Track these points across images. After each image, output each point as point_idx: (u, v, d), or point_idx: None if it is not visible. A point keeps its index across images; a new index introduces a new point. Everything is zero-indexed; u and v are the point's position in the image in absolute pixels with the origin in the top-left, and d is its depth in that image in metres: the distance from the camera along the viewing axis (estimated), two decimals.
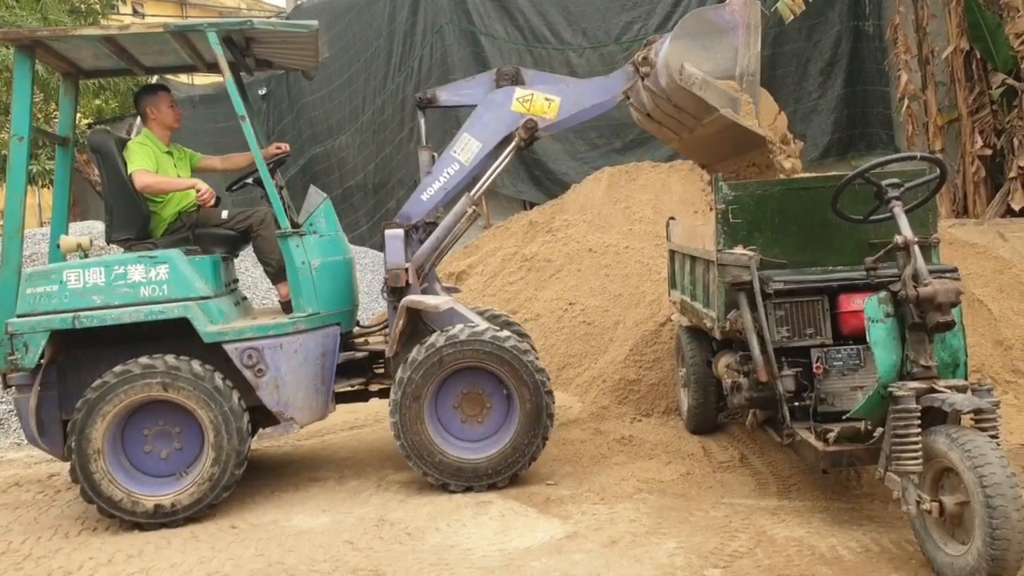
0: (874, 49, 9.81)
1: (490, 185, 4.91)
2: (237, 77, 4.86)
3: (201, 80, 15.65)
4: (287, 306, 4.73)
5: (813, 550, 3.47)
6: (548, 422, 4.46)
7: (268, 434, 4.65)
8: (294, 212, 5.00)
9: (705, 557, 3.48)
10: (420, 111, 5.09)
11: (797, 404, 3.81)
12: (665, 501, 4.18)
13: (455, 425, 4.56)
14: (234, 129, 4.95)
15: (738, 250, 3.98)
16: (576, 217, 8.50)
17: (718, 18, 4.35)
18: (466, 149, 4.80)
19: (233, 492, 4.36)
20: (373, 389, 4.94)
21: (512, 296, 7.63)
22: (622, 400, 5.80)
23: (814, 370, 3.80)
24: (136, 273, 4.32)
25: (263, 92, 14.02)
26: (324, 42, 10.41)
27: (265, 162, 4.66)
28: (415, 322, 4.67)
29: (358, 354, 4.89)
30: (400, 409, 4.38)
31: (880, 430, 3.35)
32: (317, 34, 4.66)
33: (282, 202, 4.71)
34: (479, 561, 3.59)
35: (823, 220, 3.98)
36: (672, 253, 5.52)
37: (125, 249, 4.68)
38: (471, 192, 4.85)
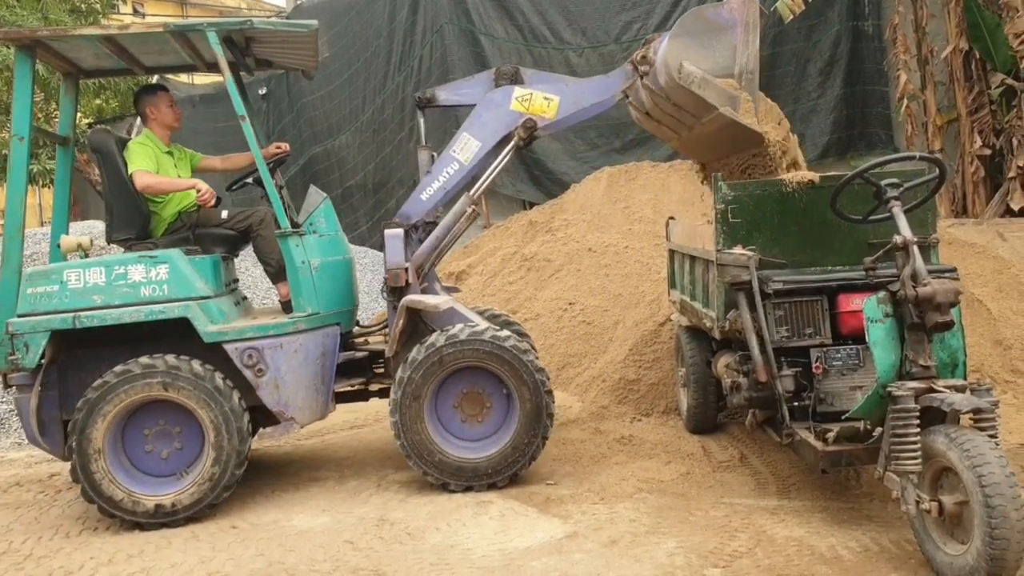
0: (873, 49, 9.80)
1: (489, 185, 4.92)
2: (237, 77, 4.86)
3: (201, 80, 15.64)
4: (287, 306, 4.74)
5: (813, 550, 3.48)
6: (548, 422, 4.47)
7: (268, 434, 4.65)
8: (294, 212, 5.00)
9: (705, 557, 3.48)
10: (419, 111, 5.09)
11: (796, 404, 3.81)
12: (665, 501, 4.18)
13: (455, 425, 4.56)
14: (234, 129, 4.95)
15: (737, 250, 3.99)
16: (576, 217, 8.50)
17: (717, 16, 4.35)
18: (465, 148, 4.80)
19: (233, 492, 4.37)
20: (373, 389, 4.94)
21: (512, 296, 7.62)
22: (622, 400, 5.80)
23: (813, 370, 3.81)
24: (136, 273, 4.33)
25: (263, 92, 13.99)
26: (324, 42, 10.42)
27: (265, 162, 4.67)
28: (415, 322, 4.67)
29: (358, 354, 4.89)
30: (400, 409, 4.39)
31: (879, 430, 3.36)
32: (317, 34, 4.66)
33: (282, 202, 4.71)
34: (479, 561, 3.59)
35: (822, 220, 3.98)
36: (672, 253, 5.53)
37: (125, 249, 4.69)
38: (470, 191, 4.85)
